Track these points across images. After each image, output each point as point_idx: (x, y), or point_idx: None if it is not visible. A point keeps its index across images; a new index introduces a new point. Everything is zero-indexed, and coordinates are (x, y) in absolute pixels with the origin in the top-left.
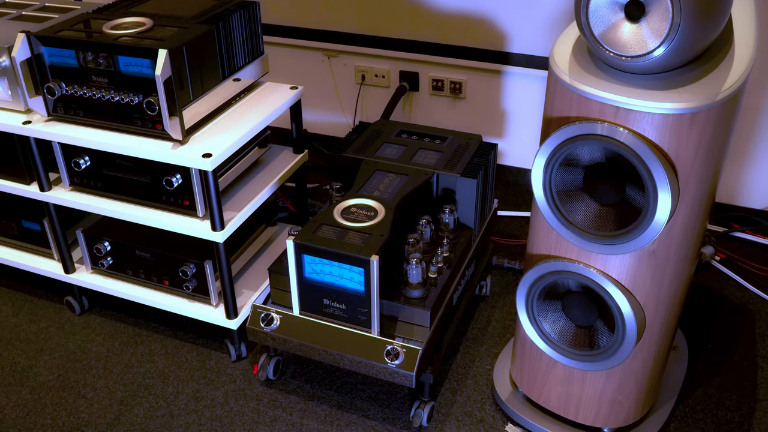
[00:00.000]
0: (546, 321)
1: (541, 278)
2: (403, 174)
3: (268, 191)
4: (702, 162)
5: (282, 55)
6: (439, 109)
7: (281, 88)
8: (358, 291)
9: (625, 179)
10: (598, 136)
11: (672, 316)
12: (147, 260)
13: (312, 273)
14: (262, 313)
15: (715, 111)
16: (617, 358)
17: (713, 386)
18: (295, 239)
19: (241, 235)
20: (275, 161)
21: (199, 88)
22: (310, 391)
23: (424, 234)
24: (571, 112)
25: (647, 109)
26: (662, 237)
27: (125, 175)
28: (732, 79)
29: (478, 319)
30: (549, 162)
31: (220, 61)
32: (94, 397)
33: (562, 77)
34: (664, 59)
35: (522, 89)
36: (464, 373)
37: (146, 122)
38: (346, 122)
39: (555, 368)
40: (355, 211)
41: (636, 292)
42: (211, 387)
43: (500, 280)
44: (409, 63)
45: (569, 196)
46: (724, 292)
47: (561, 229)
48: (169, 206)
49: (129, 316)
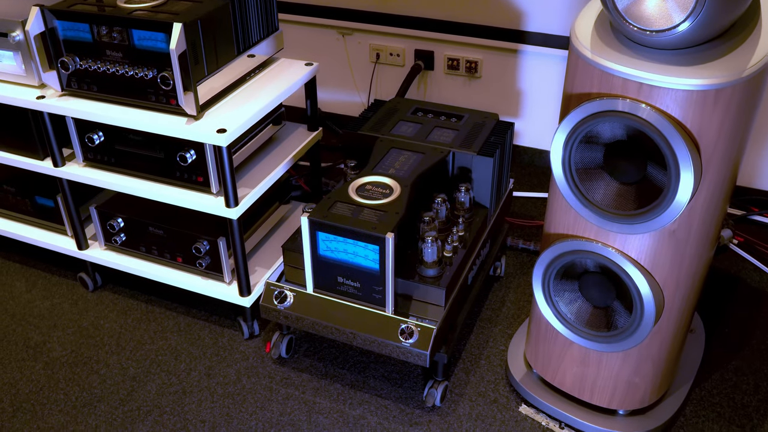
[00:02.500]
0: (562, 301)
1: (559, 258)
2: (419, 152)
3: (282, 168)
4: (725, 141)
5: (297, 33)
6: (455, 89)
7: (296, 65)
8: (372, 269)
9: (647, 158)
10: (620, 113)
11: (690, 298)
12: (160, 237)
13: (326, 250)
14: (275, 291)
15: (740, 88)
16: (634, 340)
17: (730, 370)
18: (310, 216)
19: (254, 212)
20: (289, 139)
21: (213, 63)
22: (323, 370)
23: (440, 213)
24: (592, 88)
25: (670, 85)
26: (683, 217)
27: (139, 150)
28: (759, 55)
29: (493, 299)
30: (569, 139)
31: (235, 36)
32: (106, 373)
33: (583, 52)
34: (689, 34)
35: (539, 69)
36: (478, 354)
37: (160, 97)
38: (361, 101)
39: (570, 349)
40: (371, 188)
41: (655, 272)
42: (223, 364)
43: (515, 261)
44: (425, 41)
45: (589, 175)
46: (742, 275)
47: (580, 208)
48: (183, 182)
49: (142, 293)
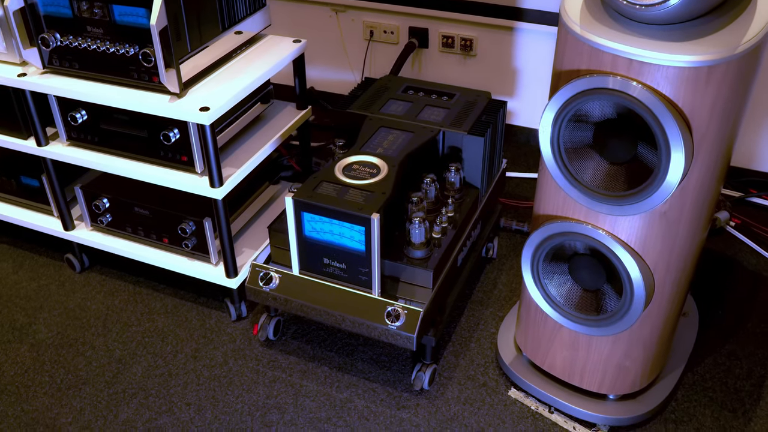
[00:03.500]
0: (552, 284)
1: (548, 239)
2: (408, 131)
3: (269, 148)
4: (718, 119)
5: (289, 10)
6: (449, 67)
7: (284, 42)
8: (358, 250)
9: (637, 137)
10: (610, 90)
11: (682, 281)
12: (146, 217)
13: (312, 231)
14: (261, 272)
15: (734, 65)
16: (624, 324)
17: (723, 354)
18: (294, 196)
19: (242, 192)
20: (277, 117)
21: (197, 40)
22: (310, 352)
23: (429, 193)
24: (581, 65)
25: (661, 62)
26: (674, 198)
27: (123, 129)
28: (753, 30)
29: (485, 281)
30: (558, 117)
31: (220, 12)
32: (92, 356)
33: (573, 28)
34: (681, 8)
35: (535, 47)
36: (468, 336)
37: (142, 74)
38: (354, 79)
39: (560, 333)
40: (357, 168)
41: (645, 255)
42: (210, 347)
43: (508, 243)
44: (419, 19)
45: (578, 154)
46: (738, 258)
47: (569, 189)
48: (167, 162)
49: (129, 274)
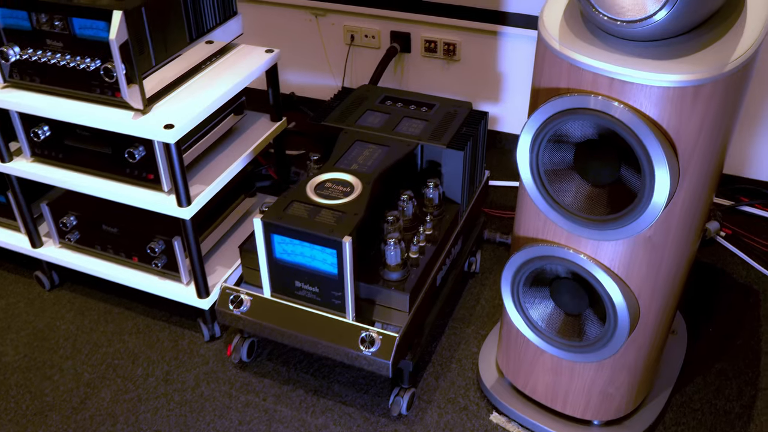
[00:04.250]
0: (533, 308)
1: (528, 263)
2: (385, 145)
3: (241, 162)
4: (706, 140)
5: (268, 14)
6: (432, 72)
7: (256, 51)
8: (331, 273)
9: (620, 158)
10: (591, 111)
11: (669, 306)
12: (114, 235)
13: (282, 253)
14: (231, 295)
15: (722, 83)
16: (608, 351)
17: (713, 373)
18: (263, 217)
19: (215, 208)
20: (251, 129)
21: (162, 53)
22: (285, 375)
23: (406, 210)
24: (561, 83)
25: (645, 81)
26: (659, 222)
27: (87, 145)
28: (743, 47)
29: (467, 297)
30: (536, 138)
31: (187, 23)
32: (60, 379)
33: (551, 43)
34: (665, 24)
35: (519, 52)
36: (449, 357)
37: (105, 89)
38: (335, 84)
39: (542, 357)
40: (330, 186)
41: (629, 280)
42: (182, 369)
43: (491, 256)
44: (401, 23)
45: (558, 176)
46: (729, 270)
47: (549, 212)
48: (133, 179)
49: (101, 292)
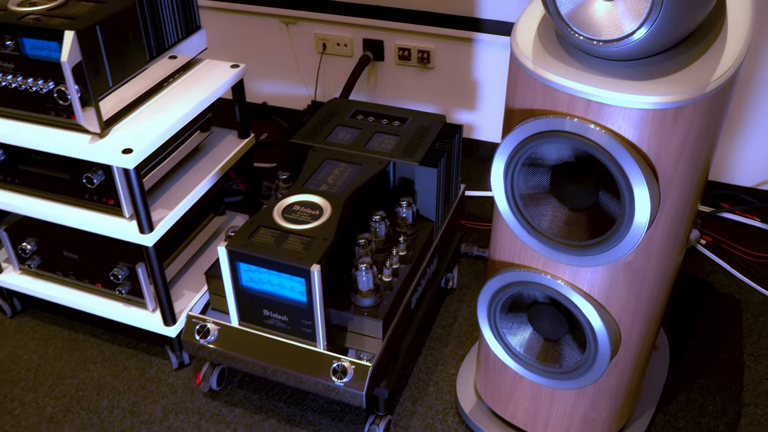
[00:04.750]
0: (511, 333)
1: (504, 288)
2: (356, 163)
3: (207, 183)
4: (687, 163)
5: (237, 23)
6: (407, 80)
7: (221, 66)
8: (300, 302)
9: (599, 181)
10: (567, 134)
11: (651, 329)
12: (76, 261)
13: (249, 281)
14: (197, 324)
15: (703, 104)
16: (590, 377)
17: (696, 389)
18: (228, 245)
19: (182, 228)
20: (218, 147)
21: (120, 73)
22: (257, 403)
23: (378, 231)
24: (535, 104)
25: (623, 104)
26: (640, 247)
27: (43, 170)
28: (724, 65)
29: (444, 315)
30: (510, 162)
31: (147, 40)
32: (21, 414)
33: (524, 63)
34: (643, 44)
35: (495, 58)
36: (426, 379)
37: (60, 112)
38: (308, 93)
39: (521, 383)
40: (298, 209)
41: (609, 305)
42: (149, 399)
43: (469, 270)
44: (373, 30)
45: (534, 200)
46: (710, 279)
47: (525, 237)
48: (93, 204)
49: (65, 318)
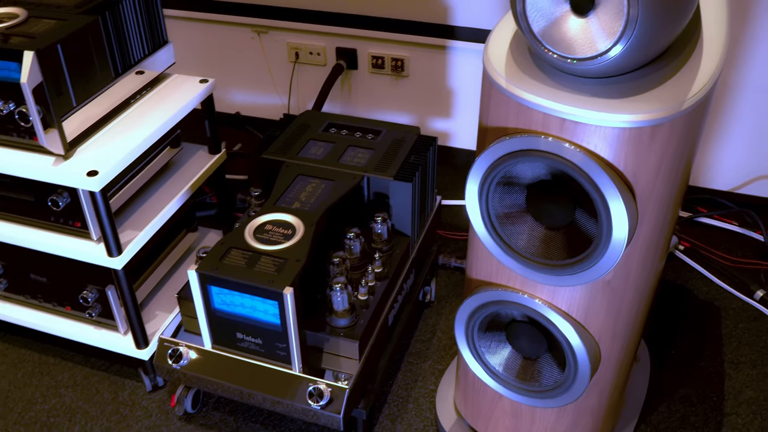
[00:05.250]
0: (489, 352)
1: (481, 308)
2: (329, 179)
3: (177, 202)
4: (665, 180)
5: (209, 33)
6: (381, 89)
7: (189, 82)
8: (273, 324)
9: (575, 199)
10: (541, 153)
11: (631, 345)
12: (44, 284)
13: (221, 304)
14: (169, 348)
15: (680, 121)
16: (570, 396)
17: (677, 399)
18: (198, 269)
19: (153, 247)
20: (188, 163)
21: (84, 92)
22: (233, 425)
23: (353, 249)
24: (509, 122)
25: (599, 122)
26: (618, 266)
27: (8, 193)
28: (700, 82)
29: (423, 329)
30: (484, 181)
31: (111, 57)
32: None
33: (497, 80)
34: (618, 62)
35: (470, 66)
36: (405, 396)
37: (22, 134)
38: (281, 103)
39: (501, 401)
40: (270, 229)
41: (589, 324)
42: (123, 425)
43: (447, 282)
44: (346, 39)
45: (510, 218)
46: (689, 286)
47: (502, 257)
48: (59, 227)
49: (35, 341)
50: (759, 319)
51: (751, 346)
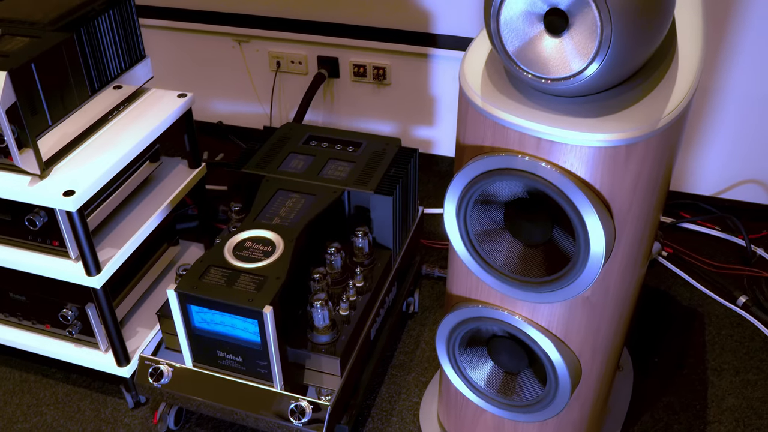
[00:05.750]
0: (471, 367)
1: (462, 324)
2: (309, 193)
3: (157, 218)
4: (641, 197)
5: (189, 42)
6: (363, 97)
7: (167, 96)
8: (254, 342)
9: (553, 217)
10: (518, 171)
11: (612, 359)
12: (23, 303)
13: (201, 322)
14: (150, 367)
15: (655, 140)
16: (551, 410)
17: (660, 407)
18: (177, 288)
19: (134, 263)
20: (168, 178)
21: (59, 110)
22: None
23: (334, 263)
24: (485, 140)
25: (574, 141)
26: (597, 283)
27: None
28: (675, 99)
29: (406, 340)
30: (462, 200)
31: (87, 74)
32: None
33: (473, 99)
34: (593, 82)
35: (451, 73)
36: (389, 409)
37: None
38: (264, 112)
39: (483, 415)
40: (250, 246)
41: (569, 339)
42: None
43: (431, 292)
44: (328, 47)
45: (489, 236)
46: (672, 292)
47: (481, 274)
48: (37, 246)
49: (16, 358)
50: (741, 325)
51: (734, 353)
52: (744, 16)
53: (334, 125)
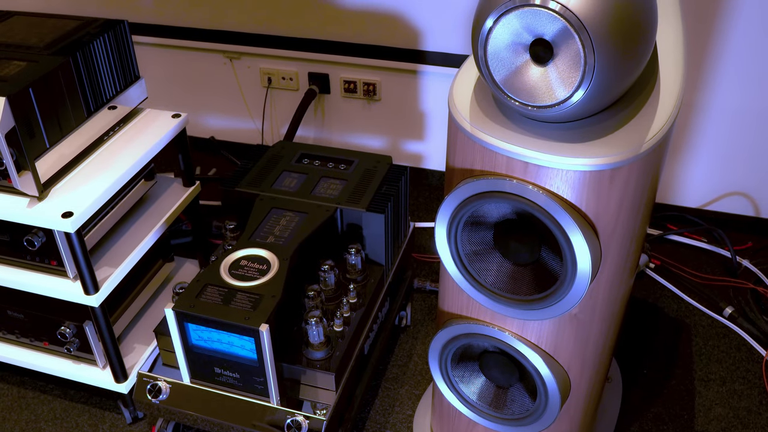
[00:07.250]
0: (463, 382)
1: (453, 340)
2: (302, 212)
3: (153, 236)
4: (626, 218)
5: (182, 59)
6: (354, 113)
7: (162, 117)
8: (250, 359)
9: (541, 237)
10: (506, 194)
11: (600, 372)
12: (21, 320)
13: (199, 340)
14: (148, 384)
15: (638, 164)
16: (541, 424)
17: (649, 419)
18: (175, 307)
19: (130, 279)
20: (163, 196)
21: (56, 133)
22: None
23: (328, 280)
24: (474, 164)
25: (560, 165)
26: (584, 301)
27: None
28: (657, 124)
29: (399, 354)
30: (452, 221)
31: (83, 97)
32: None
33: (462, 124)
34: (577, 108)
35: (441, 89)
36: (383, 422)
37: None
38: (256, 128)
39: (476, 428)
40: (245, 264)
41: (558, 355)
42: None
43: (423, 306)
44: (318, 64)
45: (479, 255)
46: (660, 304)
47: (472, 292)
48: (36, 265)
49: (13, 374)
50: (727, 336)
51: (720, 363)
52: (728, 30)
53: (325, 141)
